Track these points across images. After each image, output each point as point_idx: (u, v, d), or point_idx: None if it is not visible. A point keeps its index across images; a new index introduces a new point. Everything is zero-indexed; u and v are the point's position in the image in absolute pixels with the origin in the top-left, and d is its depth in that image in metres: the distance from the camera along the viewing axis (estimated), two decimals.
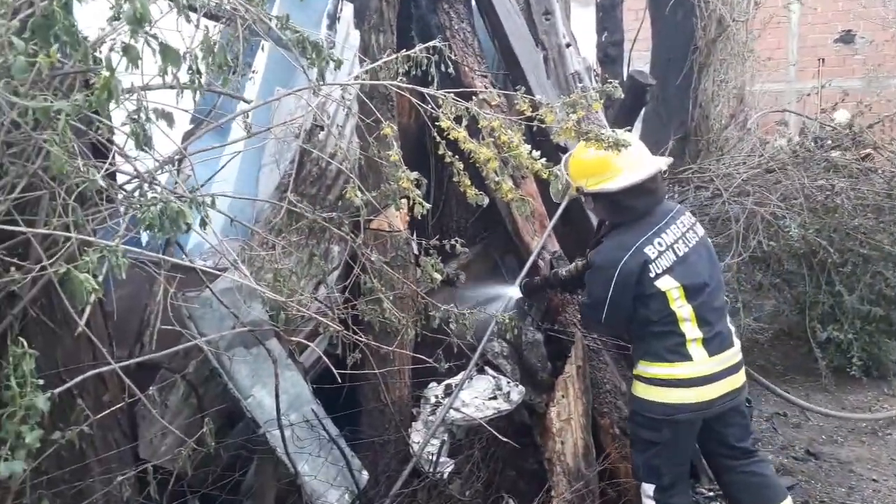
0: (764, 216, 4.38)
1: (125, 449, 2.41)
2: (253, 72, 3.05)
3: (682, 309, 2.54)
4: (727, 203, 4.41)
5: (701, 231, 2.70)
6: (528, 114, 2.59)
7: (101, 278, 1.89)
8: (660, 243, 2.56)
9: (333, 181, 3.01)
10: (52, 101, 1.90)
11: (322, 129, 2.82)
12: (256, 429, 2.49)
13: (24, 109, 1.87)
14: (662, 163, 2.72)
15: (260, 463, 2.59)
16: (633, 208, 2.61)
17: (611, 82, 2.69)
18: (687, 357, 2.55)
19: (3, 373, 2.01)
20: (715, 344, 2.58)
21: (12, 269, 1.95)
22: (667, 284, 2.54)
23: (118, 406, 2.28)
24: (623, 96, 2.62)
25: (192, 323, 2.46)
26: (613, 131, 2.51)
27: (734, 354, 2.65)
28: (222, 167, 2.57)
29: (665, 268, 2.55)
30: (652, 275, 2.53)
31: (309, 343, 2.57)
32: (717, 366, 2.58)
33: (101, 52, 2.17)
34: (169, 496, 2.33)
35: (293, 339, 2.60)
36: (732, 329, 2.69)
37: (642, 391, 2.64)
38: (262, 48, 3.21)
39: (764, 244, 4.33)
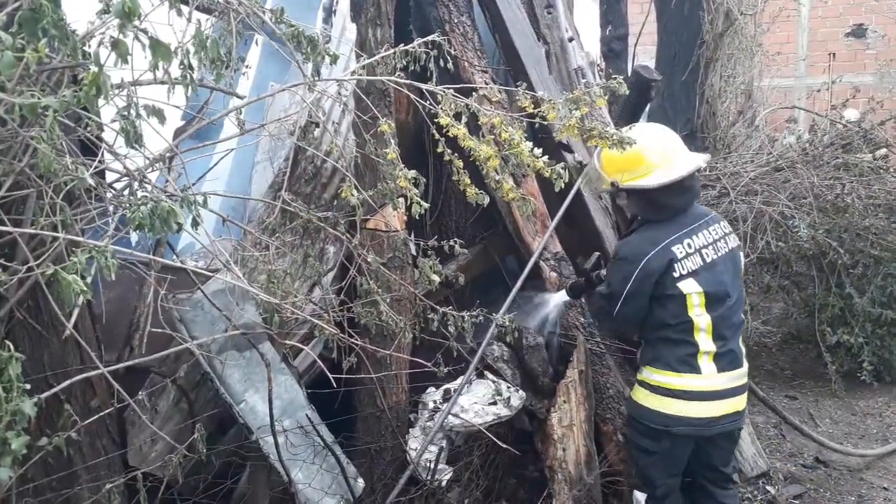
0: (772, 216, 4.28)
1: (114, 456, 2.35)
2: (247, 67, 2.98)
3: (701, 318, 2.45)
4: (734, 202, 4.32)
5: (733, 243, 2.60)
6: (530, 110, 2.52)
7: (89, 279, 1.83)
8: (689, 244, 2.47)
9: (329, 179, 2.94)
10: (39, 98, 1.84)
11: (317, 125, 2.75)
12: (249, 435, 2.43)
13: (11, 106, 1.81)
14: (701, 160, 2.60)
15: (253, 470, 2.53)
16: (669, 206, 2.52)
17: (615, 78, 2.62)
18: (696, 369, 2.47)
19: None
20: (726, 360, 2.49)
21: None
22: (689, 288, 2.45)
23: (107, 411, 2.22)
24: (628, 92, 2.53)
25: (183, 326, 2.40)
26: (619, 129, 2.43)
27: (741, 375, 2.56)
28: (214, 165, 2.50)
29: (690, 270, 2.45)
30: (676, 275, 2.44)
31: (303, 347, 2.50)
32: (725, 383, 2.49)
33: (90, 46, 2.11)
34: None
35: (287, 342, 2.53)
36: (744, 350, 2.60)
37: (643, 398, 2.56)
38: (256, 42, 3.14)
39: (772, 245, 4.24)
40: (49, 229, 2.01)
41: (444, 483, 2.69)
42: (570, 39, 3.59)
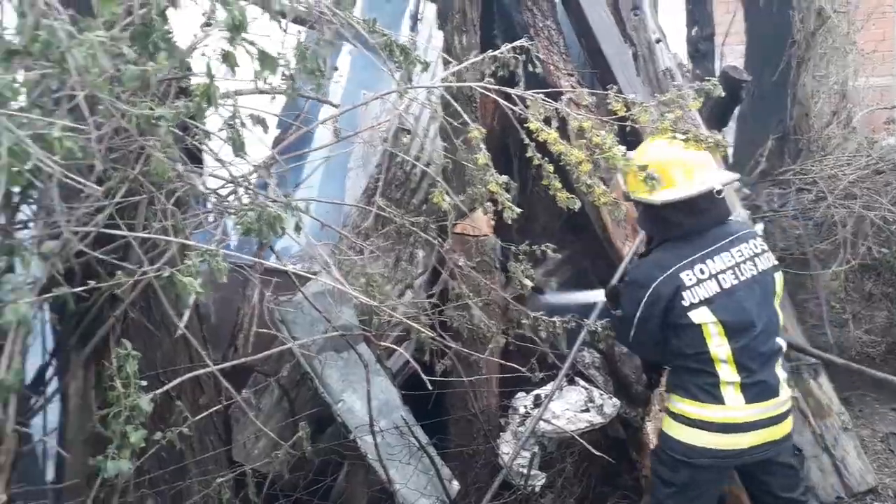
0: (874, 221, 4.06)
1: (220, 451, 2.45)
2: (340, 76, 3.07)
3: (720, 349, 2.30)
4: (832, 206, 4.12)
5: (766, 265, 2.42)
6: (622, 113, 2.49)
7: (200, 281, 1.91)
8: (701, 270, 2.32)
9: (418, 185, 2.99)
10: (153, 108, 1.95)
11: (408, 132, 2.80)
12: (347, 434, 2.48)
13: (128, 116, 1.92)
14: (719, 181, 2.41)
15: (350, 469, 2.57)
16: (678, 225, 2.38)
17: (709, 79, 2.56)
18: (719, 400, 2.31)
19: (107, 374, 2.07)
20: (754, 391, 2.32)
21: (118, 272, 2.00)
22: (702, 317, 2.30)
23: (216, 408, 2.31)
24: (723, 94, 2.46)
25: (284, 327, 2.48)
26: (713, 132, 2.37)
27: (779, 404, 2.37)
28: (312, 172, 2.58)
29: (703, 298, 2.30)
30: (686, 304, 2.30)
31: (398, 348, 2.54)
32: (755, 414, 2.32)
33: (192, 58, 2.23)
34: (261, 500, 2.35)
35: (383, 344, 2.57)
36: (782, 377, 2.40)
37: (667, 427, 2.44)
38: (347, 51, 3.24)
39: (874, 251, 4.02)
40: (160, 233, 2.11)
41: (537, 489, 2.67)
42: (658, 41, 3.54)
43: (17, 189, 1.96)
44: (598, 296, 2.89)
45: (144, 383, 1.99)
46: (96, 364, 2.29)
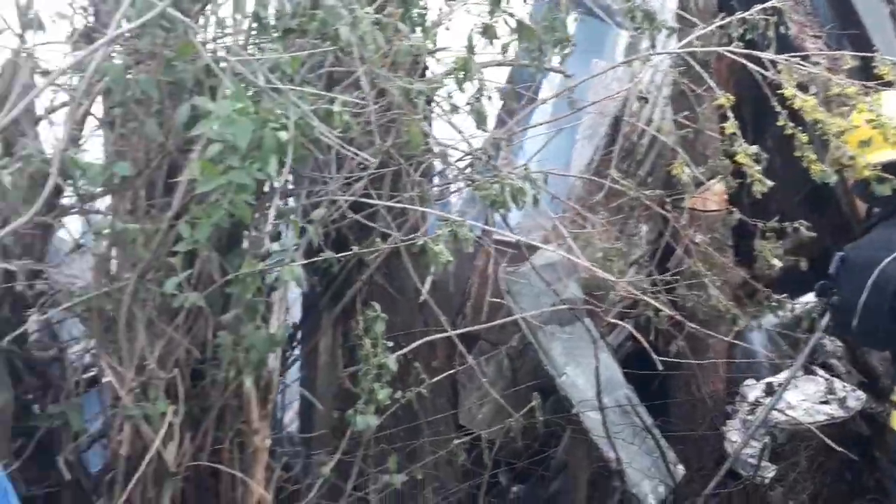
0: None
1: (449, 414, 2.54)
2: (573, 45, 3.00)
3: None
4: None
5: None
6: (889, 78, 2.24)
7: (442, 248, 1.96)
8: None
9: (644, 156, 2.87)
10: (412, 82, 2.00)
11: (646, 100, 2.69)
12: (569, 408, 2.48)
13: (391, 90, 1.98)
14: None
15: (572, 443, 2.58)
16: None
17: None
18: None
19: (354, 333, 2.20)
20: None
21: (377, 238, 2.11)
22: None
23: (450, 372, 2.39)
24: None
25: (511, 297, 2.50)
26: None
27: None
28: (545, 144, 2.56)
29: None
30: None
31: (626, 325, 2.48)
32: None
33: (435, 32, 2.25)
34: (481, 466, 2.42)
35: (608, 320, 2.53)
36: None
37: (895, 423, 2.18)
38: (574, 18, 3.15)
39: None
40: (409, 203, 2.19)
41: (766, 481, 2.53)
42: None
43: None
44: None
45: (391, 344, 2.09)
46: (344, 324, 2.44)
